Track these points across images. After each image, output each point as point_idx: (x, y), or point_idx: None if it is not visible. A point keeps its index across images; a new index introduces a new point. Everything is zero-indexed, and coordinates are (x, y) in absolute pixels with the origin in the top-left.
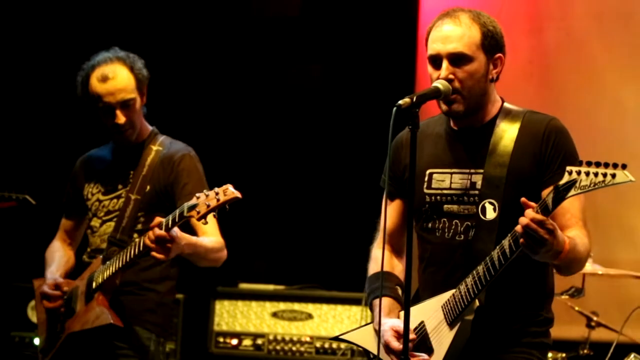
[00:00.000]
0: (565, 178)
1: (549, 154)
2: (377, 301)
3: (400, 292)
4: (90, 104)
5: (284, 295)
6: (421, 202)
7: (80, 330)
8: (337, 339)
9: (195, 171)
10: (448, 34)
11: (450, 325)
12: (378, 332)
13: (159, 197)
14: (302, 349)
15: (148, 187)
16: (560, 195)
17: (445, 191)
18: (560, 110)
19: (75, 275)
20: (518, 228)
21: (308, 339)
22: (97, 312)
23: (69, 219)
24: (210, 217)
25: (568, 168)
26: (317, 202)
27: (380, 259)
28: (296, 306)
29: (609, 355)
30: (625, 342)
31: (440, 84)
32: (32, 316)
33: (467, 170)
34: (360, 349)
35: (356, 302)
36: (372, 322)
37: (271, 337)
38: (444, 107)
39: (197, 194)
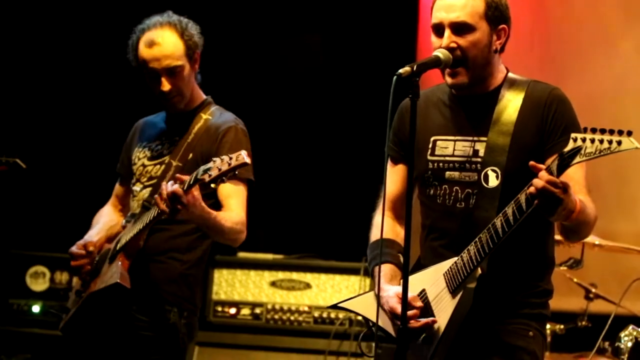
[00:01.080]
0: (570, 145)
1: (551, 122)
2: (377, 268)
3: (402, 259)
4: (139, 69)
5: (282, 264)
6: (424, 168)
7: (96, 290)
8: (335, 307)
9: (238, 144)
10: (452, 2)
11: (453, 293)
12: (378, 297)
13: (199, 165)
14: (300, 318)
15: (190, 155)
16: (566, 162)
17: (447, 158)
18: (561, 82)
19: None
20: (532, 190)
21: (306, 309)
22: (112, 272)
23: (121, 184)
24: (240, 196)
25: (573, 135)
26: (316, 172)
27: (382, 225)
28: (294, 275)
29: (606, 327)
30: (623, 314)
31: (440, 53)
32: (31, 284)
33: (471, 138)
34: (359, 317)
35: (354, 271)
36: (371, 290)
37: (269, 307)
38: (448, 79)
39: (214, 158)
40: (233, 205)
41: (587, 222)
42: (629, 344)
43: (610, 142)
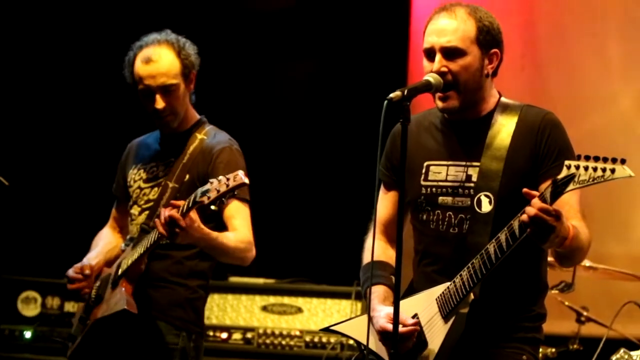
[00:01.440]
0: (564, 172)
1: (544, 147)
2: (369, 290)
3: (394, 281)
4: (134, 86)
5: (273, 289)
6: (417, 193)
7: (101, 317)
8: (327, 330)
9: (234, 164)
10: (443, 27)
11: (445, 318)
12: (368, 318)
13: (196, 187)
14: (292, 342)
15: (187, 177)
16: (559, 189)
17: (441, 183)
18: (551, 106)
19: None
20: (524, 217)
21: (298, 333)
22: (117, 298)
23: (118, 205)
24: (244, 215)
25: (567, 162)
26: (308, 196)
27: (374, 248)
28: (286, 300)
29: (598, 350)
30: (615, 338)
31: (431, 77)
32: (22, 309)
33: (464, 163)
34: (351, 341)
35: (346, 295)
36: (363, 313)
37: (261, 331)
38: (439, 103)
39: (211, 180)
40: (237, 225)
41: (581, 248)
42: None
43: (604, 169)
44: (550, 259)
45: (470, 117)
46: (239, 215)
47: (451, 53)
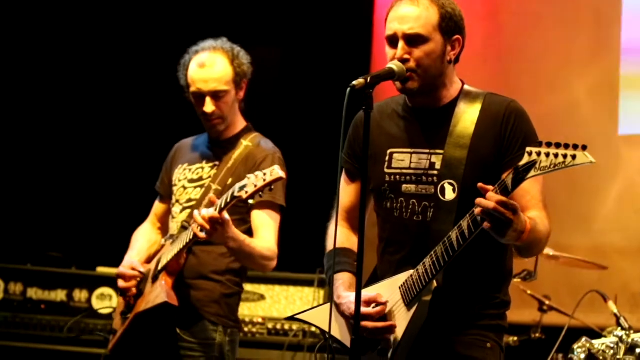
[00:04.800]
0: (525, 159)
1: (509, 136)
2: (335, 276)
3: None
4: (187, 88)
5: None
6: (381, 181)
7: (143, 310)
8: (292, 318)
9: None
10: (405, 14)
11: (408, 306)
12: (331, 305)
13: None
14: (255, 330)
15: (230, 180)
16: (520, 176)
17: (404, 171)
18: (514, 95)
19: None
20: (477, 211)
21: (260, 320)
22: (158, 292)
23: (161, 203)
24: (273, 226)
25: (528, 149)
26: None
27: (337, 235)
28: (248, 287)
29: (560, 339)
30: (576, 326)
31: (394, 65)
32: None
33: (427, 151)
34: (313, 329)
35: (308, 283)
36: (327, 301)
37: None
38: (398, 84)
39: (249, 175)
40: (265, 234)
41: (540, 240)
42: (582, 356)
43: (565, 156)
44: None
45: (433, 104)
46: (268, 225)
47: (414, 40)
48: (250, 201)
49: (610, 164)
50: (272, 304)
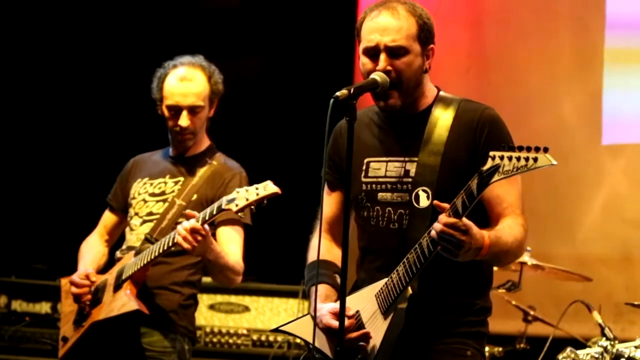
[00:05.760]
0: (489, 163)
1: (482, 143)
2: (312, 289)
3: (338, 279)
4: (161, 100)
5: (220, 287)
6: (358, 190)
7: (104, 318)
8: (276, 330)
9: None
10: (386, 25)
11: (384, 314)
12: (314, 317)
13: (202, 207)
14: (239, 341)
15: (195, 196)
16: (485, 180)
17: (380, 179)
18: (496, 104)
19: (105, 271)
20: (433, 234)
21: (245, 332)
22: (124, 300)
23: (112, 214)
24: (239, 241)
25: (491, 153)
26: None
27: (319, 247)
28: (233, 299)
29: (545, 349)
30: (561, 337)
31: (377, 76)
32: None
33: (402, 158)
34: (298, 340)
35: (293, 294)
36: (309, 312)
37: (208, 330)
38: (381, 103)
39: (237, 189)
40: (233, 249)
41: (506, 251)
42: None
43: (527, 159)
44: None
45: (408, 112)
46: (235, 241)
47: (395, 52)
48: (240, 214)
49: (594, 174)
50: (256, 316)
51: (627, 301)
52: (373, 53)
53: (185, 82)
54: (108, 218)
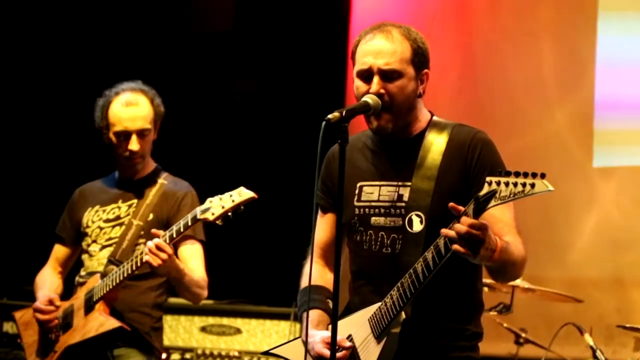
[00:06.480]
0: (485, 189)
1: (475, 166)
2: (304, 314)
3: (331, 304)
4: (107, 128)
5: (212, 309)
6: (351, 214)
7: (80, 340)
8: (267, 353)
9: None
10: (380, 48)
11: (377, 338)
12: (306, 343)
13: (159, 226)
14: None
15: (151, 216)
16: (481, 206)
17: (373, 203)
18: (489, 126)
19: (65, 298)
20: (449, 232)
21: (236, 354)
22: (101, 320)
23: (63, 247)
24: (200, 256)
25: (488, 179)
26: (247, 217)
27: (311, 272)
28: (225, 321)
29: None
30: (553, 359)
31: (369, 99)
32: None
33: (396, 183)
34: None
35: (285, 317)
36: (300, 336)
37: (199, 352)
38: (373, 124)
39: (210, 198)
40: (195, 266)
41: (513, 262)
42: None
43: (524, 184)
44: (488, 280)
45: (402, 136)
46: (196, 257)
47: (389, 75)
48: (218, 222)
49: (585, 196)
50: (248, 338)
51: (619, 323)
52: (367, 76)
53: (132, 107)
54: (59, 251)
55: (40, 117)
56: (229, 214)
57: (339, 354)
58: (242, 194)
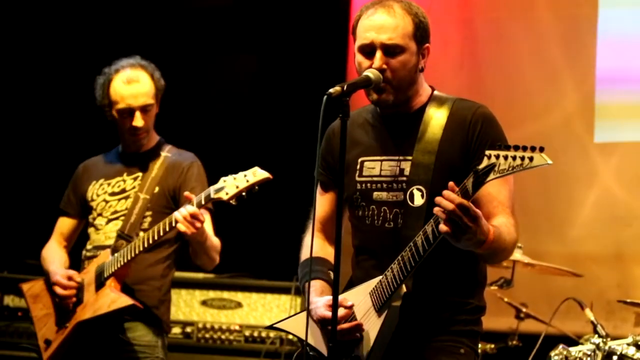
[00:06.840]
0: (484, 162)
1: (475, 142)
2: (307, 284)
3: (332, 276)
4: (109, 106)
5: (213, 283)
6: (353, 190)
7: (92, 317)
8: (271, 327)
9: (203, 178)
10: (382, 23)
11: (378, 311)
12: (307, 314)
13: (166, 198)
14: (231, 337)
15: (157, 189)
16: (480, 179)
17: (375, 178)
18: (490, 102)
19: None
20: (437, 210)
21: (237, 328)
22: (113, 297)
23: (68, 220)
24: (210, 225)
25: (487, 152)
26: (248, 191)
27: (312, 244)
28: (225, 294)
29: (537, 346)
30: (553, 334)
31: (371, 73)
32: None
33: (397, 157)
34: (290, 336)
35: (285, 290)
36: (303, 309)
37: (200, 325)
38: (373, 96)
39: (224, 178)
40: (211, 232)
41: (503, 249)
42: None
43: (522, 158)
44: None
45: (403, 111)
46: (209, 224)
47: (391, 50)
48: (232, 202)
49: (586, 172)
50: (249, 312)
51: (619, 298)
52: (369, 51)
53: (133, 84)
54: (64, 224)
55: (42, 92)
56: (243, 193)
57: (341, 313)
58: (256, 174)
